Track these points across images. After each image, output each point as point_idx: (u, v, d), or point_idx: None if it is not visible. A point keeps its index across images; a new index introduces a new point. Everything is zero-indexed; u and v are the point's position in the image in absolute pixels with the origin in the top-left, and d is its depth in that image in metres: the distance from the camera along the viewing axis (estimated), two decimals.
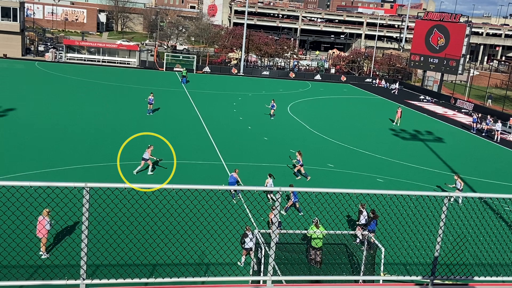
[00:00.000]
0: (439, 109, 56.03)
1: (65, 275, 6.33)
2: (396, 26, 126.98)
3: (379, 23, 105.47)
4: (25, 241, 10.38)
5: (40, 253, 14.83)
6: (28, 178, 22.16)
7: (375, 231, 17.22)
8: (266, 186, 20.31)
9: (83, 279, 5.86)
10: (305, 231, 14.74)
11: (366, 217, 18.00)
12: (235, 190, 21.15)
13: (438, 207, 6.83)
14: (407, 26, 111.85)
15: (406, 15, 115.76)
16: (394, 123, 43.80)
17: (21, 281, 5.94)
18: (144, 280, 6.17)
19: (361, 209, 18.39)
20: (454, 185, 22.63)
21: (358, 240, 16.76)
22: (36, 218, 15.77)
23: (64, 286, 5.79)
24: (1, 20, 63.62)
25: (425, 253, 9.66)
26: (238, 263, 14.76)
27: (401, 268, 14.59)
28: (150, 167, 25.11)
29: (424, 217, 9.08)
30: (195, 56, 70.97)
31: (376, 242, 13.99)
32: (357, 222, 18.76)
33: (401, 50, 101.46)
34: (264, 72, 72.97)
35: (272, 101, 42.27)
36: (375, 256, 14.20)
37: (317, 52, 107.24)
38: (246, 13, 75.74)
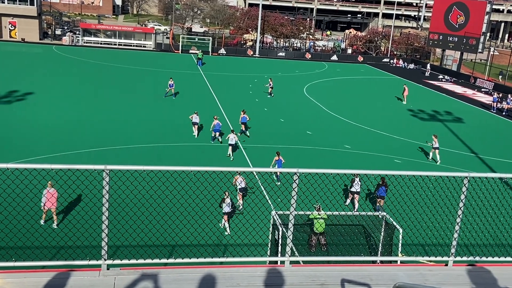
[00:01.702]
0: (458, 89, 55.16)
1: (87, 255, 6.45)
2: (414, 4, 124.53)
3: (397, 2, 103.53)
4: (48, 222, 10.59)
5: (52, 224, 15.96)
6: (48, 160, 22.50)
7: (383, 198, 19.26)
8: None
9: (104, 260, 5.97)
10: (309, 213, 14.75)
11: (385, 191, 19.36)
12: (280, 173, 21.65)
13: (458, 188, 6.77)
14: (426, 4, 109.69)
15: None
16: (404, 102, 43.72)
17: (44, 261, 6.06)
18: (164, 260, 6.26)
19: (380, 183, 19.74)
20: (431, 143, 27.13)
21: (379, 215, 17.44)
22: (57, 200, 16.09)
23: (86, 266, 5.90)
24: (19, 4, 64.02)
25: (444, 234, 9.62)
26: (220, 224, 16.49)
27: (419, 249, 14.56)
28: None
29: (443, 197, 9.01)
30: (210, 38, 70.70)
31: (392, 220, 13.96)
32: (375, 194, 20.40)
33: (420, 29, 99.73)
34: (280, 53, 72.45)
35: (270, 80, 42.80)
36: (392, 236, 14.18)
37: (328, 32, 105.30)
38: None
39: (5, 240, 8.89)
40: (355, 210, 19.85)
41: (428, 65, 66.01)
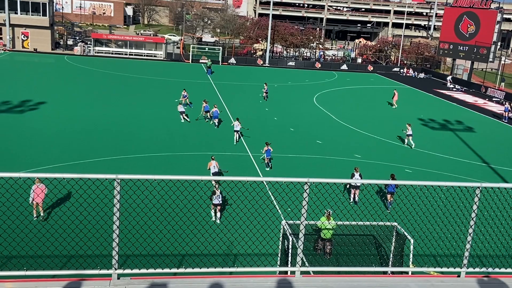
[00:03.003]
0: (469, 98, 54.83)
1: (98, 265, 6.47)
2: (424, 13, 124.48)
3: (407, 11, 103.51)
4: (59, 231, 10.63)
5: (39, 216, 17.12)
6: (59, 169, 22.67)
7: (393, 194, 20.88)
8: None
9: (115, 269, 5.97)
10: (318, 222, 14.75)
11: (394, 187, 20.67)
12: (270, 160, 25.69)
13: (470, 198, 6.71)
14: (436, 14, 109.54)
15: (434, 2, 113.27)
16: (394, 107, 45.01)
17: (55, 270, 6.09)
18: (174, 270, 6.26)
19: (390, 179, 20.48)
20: (405, 131, 31.18)
21: (387, 209, 20.62)
22: (69, 209, 16.17)
23: (97, 276, 5.91)
24: (32, 15, 64.90)
25: (456, 245, 9.51)
26: (211, 215, 17.77)
27: (431, 260, 14.41)
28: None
29: (455, 208, 8.93)
30: (220, 47, 71.06)
31: (403, 230, 13.84)
32: (385, 190, 21.71)
33: (430, 38, 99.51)
34: (290, 63, 72.60)
35: (265, 85, 45.25)
36: (403, 247, 14.05)
37: (334, 42, 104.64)
38: (271, 3, 75.28)
39: (16, 249, 8.94)
40: (356, 202, 21.21)
41: (449, 77, 64.98)
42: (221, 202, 18.26)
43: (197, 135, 31.03)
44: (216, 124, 33.33)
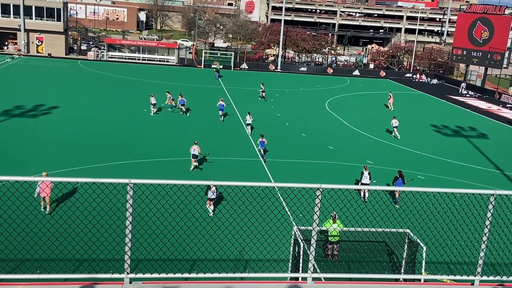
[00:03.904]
0: (482, 104, 54.36)
1: (110, 269, 6.49)
2: (438, 19, 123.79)
3: (420, 17, 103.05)
4: (72, 235, 10.71)
5: (46, 210, 17.60)
6: (71, 174, 22.85)
7: None
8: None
9: (127, 273, 6.00)
10: (324, 228, 14.75)
11: (402, 183, 21.95)
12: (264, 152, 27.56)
13: (484, 205, 6.64)
14: (449, 19, 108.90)
15: (448, 8, 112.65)
16: (390, 109, 45.58)
17: (68, 274, 6.12)
18: (186, 275, 6.26)
19: (397, 176, 22.36)
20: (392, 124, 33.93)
21: (396, 204, 21.83)
22: (82, 213, 16.25)
23: (109, 280, 5.93)
24: (46, 20, 65.67)
25: (470, 252, 9.40)
26: (208, 210, 17.88)
27: (444, 267, 14.26)
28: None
29: (469, 215, 8.83)
30: (232, 53, 71.28)
31: (415, 237, 13.71)
32: (391, 185, 22.59)
33: (443, 44, 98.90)
34: (302, 68, 72.59)
35: (262, 85, 47.05)
36: (416, 254, 13.92)
37: (338, 48, 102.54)
38: (283, 9, 75.46)
39: (30, 253, 9.01)
40: (365, 200, 22.08)
41: (464, 84, 64.41)
42: (215, 197, 18.93)
43: (209, 141, 31.08)
44: (223, 119, 37.06)
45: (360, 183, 22.80)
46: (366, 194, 22.32)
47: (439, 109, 49.64)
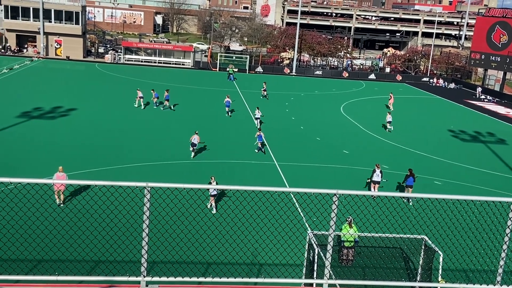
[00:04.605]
0: (501, 109, 53.66)
1: (127, 271, 6.53)
2: (455, 23, 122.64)
3: (437, 21, 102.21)
4: (90, 237, 10.79)
5: (60, 202, 18.60)
6: (88, 176, 23.04)
7: (412, 186, 22.88)
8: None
9: (144, 276, 6.02)
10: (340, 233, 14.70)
11: (413, 181, 22.91)
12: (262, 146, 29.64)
13: (504, 213, 6.53)
14: (467, 23, 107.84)
15: (466, 11, 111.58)
16: (390, 109, 45.54)
17: (85, 276, 6.17)
18: (201, 279, 6.27)
19: (408, 174, 23.23)
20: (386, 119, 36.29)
21: (409, 202, 22.64)
22: (100, 216, 16.39)
23: (125, 282, 5.96)
24: (65, 23, 66.52)
25: (489, 261, 9.25)
26: (207, 206, 17.89)
27: (462, 275, 14.07)
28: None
29: (488, 222, 8.70)
30: (248, 56, 71.42)
31: (431, 243, 13.56)
32: (402, 183, 23.85)
33: (461, 48, 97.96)
34: (317, 72, 72.43)
35: (264, 84, 49.40)
36: (433, 260, 13.76)
37: (354, 52, 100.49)
38: (299, 12, 75.47)
39: (49, 254, 9.10)
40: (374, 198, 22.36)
41: (479, 88, 63.71)
42: (216, 193, 19.14)
43: (224, 144, 31.16)
44: (230, 114, 39.63)
45: (371, 180, 23.64)
46: (376, 191, 23.10)
47: (456, 114, 49.13)
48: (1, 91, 42.70)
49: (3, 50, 66.75)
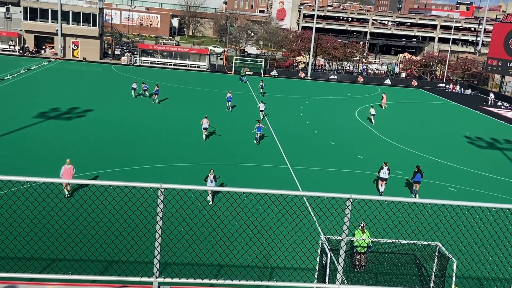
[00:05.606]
0: None
1: (139, 272, 6.57)
2: (472, 29, 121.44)
3: (454, 26, 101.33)
4: (103, 237, 10.87)
5: (66, 193, 19.20)
6: (103, 176, 23.22)
7: (420, 182, 23.77)
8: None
9: (156, 277, 6.05)
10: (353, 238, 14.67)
11: (421, 177, 23.76)
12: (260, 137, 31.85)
13: None
14: (484, 29, 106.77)
15: (483, 17, 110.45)
16: (383, 108, 48.22)
17: (98, 275, 6.21)
18: (213, 281, 6.28)
19: (416, 170, 23.98)
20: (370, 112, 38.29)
21: (416, 196, 23.73)
22: (114, 216, 16.53)
23: (137, 283, 5.99)
24: (82, 25, 67.28)
25: (504, 269, 9.12)
26: (207, 198, 18.37)
27: (476, 283, 13.90)
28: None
29: (504, 230, 8.59)
30: (263, 60, 71.50)
31: (445, 250, 13.41)
32: (410, 180, 24.60)
33: (477, 54, 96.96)
34: (332, 76, 72.23)
35: (261, 82, 52.22)
36: (446, 267, 13.62)
37: (369, 56, 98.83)
38: (315, 16, 75.37)
39: (63, 253, 9.20)
40: (381, 193, 23.84)
41: (492, 94, 62.88)
42: (214, 185, 19.15)
43: (238, 146, 31.21)
44: (231, 109, 43.01)
45: (379, 177, 24.32)
46: (383, 188, 24.10)
47: (472, 120, 48.63)
48: (19, 92, 43.28)
49: (21, 51, 67.70)
